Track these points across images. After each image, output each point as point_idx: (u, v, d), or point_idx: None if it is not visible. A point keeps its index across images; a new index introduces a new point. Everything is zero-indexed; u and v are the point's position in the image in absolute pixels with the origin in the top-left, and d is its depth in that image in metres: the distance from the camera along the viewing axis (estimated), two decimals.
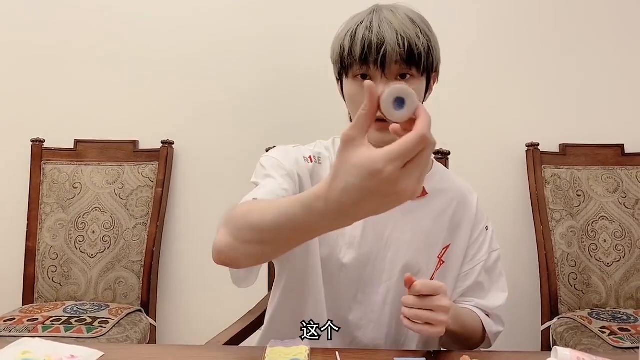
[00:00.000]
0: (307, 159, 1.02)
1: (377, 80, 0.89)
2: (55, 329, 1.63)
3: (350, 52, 0.91)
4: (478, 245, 1.07)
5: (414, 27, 0.90)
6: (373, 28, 0.89)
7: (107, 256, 1.94)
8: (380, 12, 0.92)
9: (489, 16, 2.06)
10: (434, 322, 0.85)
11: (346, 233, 1.00)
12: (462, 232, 1.05)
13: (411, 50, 0.89)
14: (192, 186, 2.07)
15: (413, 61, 0.90)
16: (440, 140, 1.73)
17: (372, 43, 0.88)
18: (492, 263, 1.08)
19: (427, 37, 0.92)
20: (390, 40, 0.88)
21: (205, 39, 2.07)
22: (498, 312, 1.07)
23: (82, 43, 2.09)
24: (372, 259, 1.01)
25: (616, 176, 1.95)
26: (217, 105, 2.08)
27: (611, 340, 1.58)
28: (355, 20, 0.93)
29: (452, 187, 1.07)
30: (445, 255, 1.04)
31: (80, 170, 2.01)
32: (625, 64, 2.03)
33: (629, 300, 1.87)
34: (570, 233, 1.90)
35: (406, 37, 0.89)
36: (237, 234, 0.75)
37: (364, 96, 0.75)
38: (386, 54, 0.88)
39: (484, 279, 1.06)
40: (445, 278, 1.04)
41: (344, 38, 0.93)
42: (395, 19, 0.90)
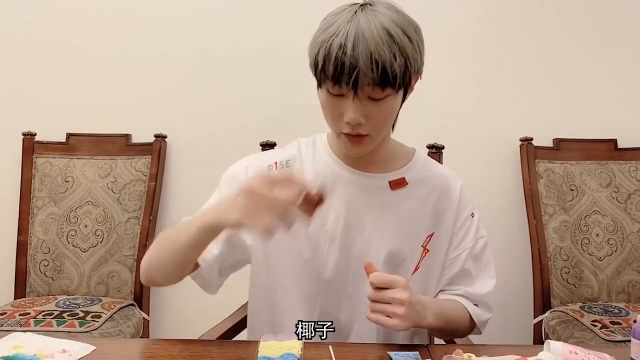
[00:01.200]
0: (273, 167, 1.03)
1: (349, 100, 0.88)
2: (47, 323, 1.63)
3: (324, 70, 0.87)
4: (463, 232, 1.06)
5: (390, 46, 0.85)
6: (347, 48, 0.84)
7: (100, 250, 1.93)
8: (357, 21, 0.86)
9: (484, 12, 2.05)
10: (390, 314, 0.85)
11: (328, 230, 1.00)
12: (446, 220, 1.04)
13: (385, 73, 0.85)
14: (185, 180, 2.07)
15: (387, 83, 0.86)
16: (435, 135, 1.76)
17: (344, 66, 0.84)
18: (479, 250, 1.07)
19: (405, 55, 0.87)
20: (363, 65, 0.84)
21: (198, 32, 2.06)
22: (486, 299, 1.06)
23: (74, 37, 2.07)
24: (356, 252, 1.00)
25: (609, 171, 1.96)
26: (210, 99, 2.07)
27: (603, 334, 1.59)
28: (332, 30, 0.87)
29: (434, 175, 1.06)
30: (429, 243, 1.03)
31: (72, 163, 1.99)
32: (618, 60, 2.04)
33: (620, 294, 1.88)
34: (563, 227, 1.91)
35: (380, 60, 0.84)
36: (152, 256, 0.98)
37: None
38: (358, 78, 0.85)
39: (471, 266, 1.05)
40: (432, 266, 1.04)
41: (318, 51, 0.88)
42: (371, 34, 0.84)
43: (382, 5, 0.90)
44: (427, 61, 0.97)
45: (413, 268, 1.02)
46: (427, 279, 1.04)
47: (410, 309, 0.86)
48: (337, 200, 1.00)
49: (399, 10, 0.91)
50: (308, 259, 1.01)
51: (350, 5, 0.91)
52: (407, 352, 0.86)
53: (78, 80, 2.08)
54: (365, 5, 0.90)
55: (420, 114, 2.03)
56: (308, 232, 1.00)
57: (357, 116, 0.88)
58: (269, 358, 0.78)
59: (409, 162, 1.05)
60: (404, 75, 0.88)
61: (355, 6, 0.90)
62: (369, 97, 0.88)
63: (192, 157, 2.07)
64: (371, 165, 1.02)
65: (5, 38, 2.07)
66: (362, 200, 1.01)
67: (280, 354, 0.79)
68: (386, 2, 0.92)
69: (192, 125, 2.07)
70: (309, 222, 0.86)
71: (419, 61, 0.92)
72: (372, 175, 1.01)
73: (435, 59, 2.01)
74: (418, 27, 0.92)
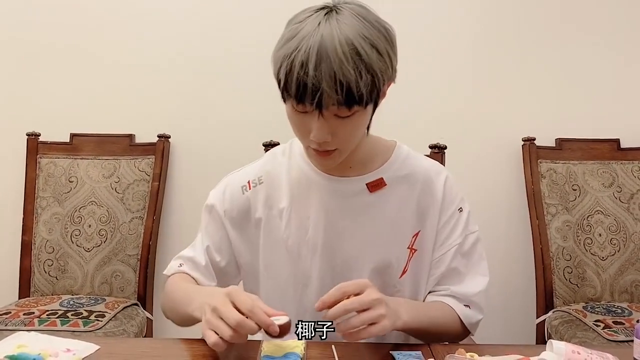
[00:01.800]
0: (246, 187, 1.02)
1: (314, 117, 0.83)
2: (51, 323, 1.63)
3: (286, 88, 0.83)
4: (449, 228, 1.00)
5: (356, 64, 0.79)
6: (308, 68, 0.78)
7: (104, 250, 1.94)
8: (320, 35, 0.79)
9: (486, 12, 2.06)
10: (374, 319, 0.79)
11: (309, 240, 0.98)
12: (430, 217, 0.99)
13: (351, 93, 0.80)
14: (188, 180, 2.07)
15: (353, 102, 0.81)
16: (437, 135, 1.75)
17: (307, 87, 0.79)
18: (469, 246, 1.01)
19: (372, 72, 0.81)
20: (326, 86, 0.78)
21: (202, 33, 2.07)
22: (477, 299, 1.00)
23: (78, 38, 2.07)
24: (340, 261, 0.98)
25: (611, 170, 1.96)
26: (213, 99, 2.07)
27: (605, 334, 1.59)
28: (293, 44, 0.81)
29: (415, 172, 1.00)
30: (416, 242, 0.99)
31: (76, 164, 2.00)
32: (621, 59, 2.04)
33: (623, 294, 1.88)
34: (566, 227, 1.91)
35: (345, 80, 0.78)
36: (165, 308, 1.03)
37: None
38: (322, 99, 0.80)
39: (460, 263, 1.00)
40: (420, 266, 1.00)
41: (279, 67, 0.83)
42: (335, 52, 0.78)
43: (350, 11, 0.83)
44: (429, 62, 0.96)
45: (400, 272, 0.99)
46: (416, 280, 1.01)
47: (387, 306, 0.82)
48: (315, 208, 0.97)
49: (367, 15, 0.84)
50: (291, 272, 0.99)
51: (315, 10, 0.84)
52: (410, 352, 0.86)
53: (82, 81, 2.08)
54: (330, 12, 0.83)
55: (422, 115, 2.04)
56: (288, 245, 0.98)
57: (323, 134, 0.84)
58: (271, 358, 0.79)
59: (387, 160, 1.00)
60: (371, 92, 0.82)
61: (320, 13, 0.83)
62: (335, 114, 0.83)
63: (195, 157, 2.07)
64: (347, 170, 0.98)
65: (9, 39, 2.08)
66: (341, 207, 0.97)
67: (283, 354, 0.79)
68: (355, 5, 0.85)
69: (196, 125, 2.08)
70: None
71: (390, 71, 0.86)
72: (349, 180, 0.98)
73: (437, 59, 2.04)
74: (389, 32, 0.86)
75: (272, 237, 1.00)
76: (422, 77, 2.03)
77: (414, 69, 2.01)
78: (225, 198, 1.03)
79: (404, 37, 1.99)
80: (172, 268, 1.06)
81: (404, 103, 2.01)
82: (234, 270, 1.06)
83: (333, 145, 0.87)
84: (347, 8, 0.83)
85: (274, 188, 1.01)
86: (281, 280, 1.00)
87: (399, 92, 2.11)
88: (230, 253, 1.04)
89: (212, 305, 0.79)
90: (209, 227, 1.04)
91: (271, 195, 1.01)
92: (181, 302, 0.94)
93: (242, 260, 1.05)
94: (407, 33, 2.01)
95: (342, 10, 0.83)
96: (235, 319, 0.75)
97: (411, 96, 2.02)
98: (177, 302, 0.96)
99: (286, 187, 1.00)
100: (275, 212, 1.00)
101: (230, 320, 0.75)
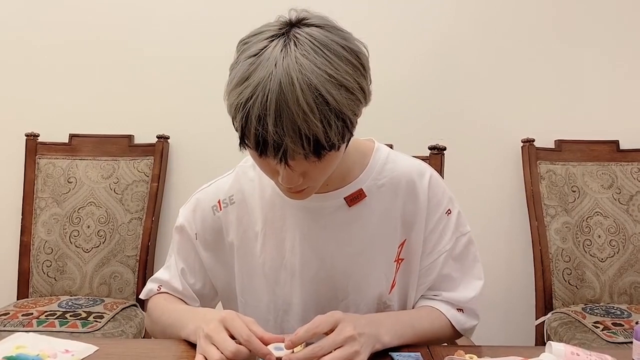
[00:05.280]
0: (217, 207, 0.95)
1: (280, 166, 0.73)
2: (50, 324, 1.63)
3: (243, 140, 0.73)
4: (438, 234, 0.94)
5: (323, 113, 0.68)
6: (267, 124, 0.68)
7: (102, 251, 1.94)
8: (277, 79, 0.68)
9: (485, 14, 2.06)
10: (348, 357, 0.74)
11: (287, 263, 0.92)
12: (416, 223, 0.92)
13: (319, 144, 0.70)
14: (187, 181, 2.07)
15: (323, 150, 0.71)
16: (437, 136, 1.76)
17: (267, 143, 0.69)
18: (461, 249, 0.95)
19: (342, 116, 0.71)
20: (291, 143, 0.69)
21: (200, 33, 2.07)
22: (471, 304, 0.95)
23: (76, 39, 2.07)
24: (321, 284, 0.92)
25: (611, 172, 1.96)
26: (212, 100, 2.03)
27: (605, 335, 1.59)
28: (247, 90, 0.70)
29: (396, 177, 0.92)
30: (402, 252, 0.93)
31: (75, 164, 2.00)
32: (620, 61, 2.04)
33: (622, 295, 1.88)
34: (565, 228, 1.91)
35: (312, 133, 0.69)
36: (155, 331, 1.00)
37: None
38: (287, 154, 0.70)
39: (452, 268, 0.95)
40: (408, 276, 0.95)
41: (235, 115, 0.72)
42: (296, 102, 0.67)
43: (309, 38, 0.71)
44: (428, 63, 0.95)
45: (389, 287, 0.93)
46: (405, 292, 0.96)
47: (363, 337, 0.77)
48: (291, 230, 0.91)
49: (331, 40, 0.72)
50: (270, 299, 0.94)
51: (271, 36, 0.73)
52: (409, 353, 0.86)
53: (81, 82, 2.08)
54: (288, 42, 0.71)
55: (421, 116, 2.04)
56: (265, 270, 0.93)
57: (293, 180, 0.75)
58: None
59: (365, 167, 0.91)
60: (343, 136, 0.73)
61: (276, 43, 0.71)
62: (304, 160, 0.73)
63: (194, 158, 2.08)
64: (322, 186, 0.87)
65: (8, 40, 2.08)
66: (317, 226, 0.90)
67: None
68: (315, 26, 0.73)
69: (195, 126, 2.08)
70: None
71: (363, 104, 0.76)
72: (325, 196, 0.89)
73: (436, 61, 2.04)
74: (359, 57, 0.74)
75: (247, 262, 0.95)
76: (421, 79, 2.03)
77: (413, 71, 2.02)
78: (196, 219, 0.97)
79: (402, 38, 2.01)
80: (151, 291, 1.01)
81: (403, 104, 2.02)
82: (211, 293, 1.02)
83: (304, 185, 0.79)
84: (306, 34, 0.71)
85: (246, 209, 0.94)
86: (260, 306, 0.95)
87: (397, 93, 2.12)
88: (205, 275, 0.99)
89: (205, 332, 0.76)
90: (181, 249, 0.99)
91: (243, 216, 0.94)
92: (173, 326, 0.90)
93: (219, 283, 1.00)
94: (405, 33, 2.05)
95: (300, 38, 0.71)
96: (230, 350, 0.72)
97: (410, 97, 2.03)
98: (167, 326, 0.92)
99: (259, 208, 0.93)
100: (250, 235, 0.94)
101: (226, 352, 0.72)
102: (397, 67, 1.97)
